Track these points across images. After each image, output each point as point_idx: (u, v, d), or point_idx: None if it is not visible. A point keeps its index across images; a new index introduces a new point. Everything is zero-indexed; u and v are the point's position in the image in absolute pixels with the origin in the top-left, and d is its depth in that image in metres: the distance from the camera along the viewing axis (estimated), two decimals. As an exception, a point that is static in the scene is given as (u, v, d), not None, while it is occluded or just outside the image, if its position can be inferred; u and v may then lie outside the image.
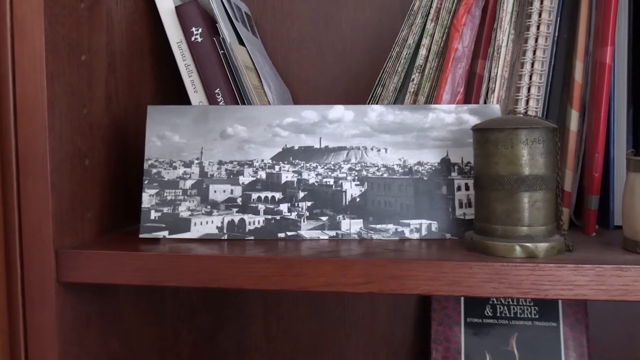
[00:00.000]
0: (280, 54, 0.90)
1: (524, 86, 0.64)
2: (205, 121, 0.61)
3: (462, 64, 0.65)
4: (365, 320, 0.91)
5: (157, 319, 0.74)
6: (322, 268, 0.51)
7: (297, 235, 0.59)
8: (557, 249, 0.51)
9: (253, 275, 0.51)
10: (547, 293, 0.48)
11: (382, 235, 0.59)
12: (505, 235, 0.51)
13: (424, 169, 0.59)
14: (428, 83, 0.67)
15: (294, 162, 0.60)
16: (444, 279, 0.49)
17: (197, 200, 0.59)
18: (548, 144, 0.51)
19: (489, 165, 0.51)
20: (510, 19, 0.65)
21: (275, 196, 0.59)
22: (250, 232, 0.58)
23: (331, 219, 0.59)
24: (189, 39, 0.68)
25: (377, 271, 0.50)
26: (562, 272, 0.48)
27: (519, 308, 0.83)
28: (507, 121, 0.51)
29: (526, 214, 0.50)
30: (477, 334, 0.82)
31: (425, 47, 0.67)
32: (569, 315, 0.81)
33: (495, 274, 0.49)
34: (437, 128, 0.60)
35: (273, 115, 0.60)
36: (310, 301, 0.92)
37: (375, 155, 0.60)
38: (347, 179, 0.59)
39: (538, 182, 0.50)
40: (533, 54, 0.64)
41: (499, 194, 0.51)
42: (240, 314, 0.93)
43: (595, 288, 0.48)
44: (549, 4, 0.64)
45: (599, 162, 0.60)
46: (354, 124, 0.60)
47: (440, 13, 0.67)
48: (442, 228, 0.59)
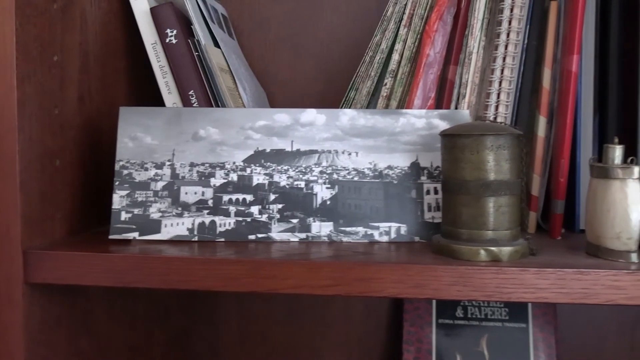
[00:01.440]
0: (257, 55, 0.90)
1: (494, 92, 0.65)
2: (178, 123, 0.61)
3: (433, 69, 0.66)
4: (339, 320, 0.92)
5: (129, 320, 0.74)
6: (290, 270, 0.51)
7: (268, 238, 0.59)
8: (521, 253, 0.52)
9: (222, 277, 0.52)
10: (510, 296, 0.49)
11: (352, 238, 0.59)
12: (471, 239, 0.52)
13: (394, 173, 0.60)
14: (400, 88, 0.68)
15: (266, 164, 0.60)
16: (410, 281, 0.50)
17: (168, 201, 0.59)
18: (513, 150, 0.52)
19: (456, 170, 0.52)
20: (481, 26, 0.67)
21: (246, 198, 0.59)
22: (221, 234, 0.59)
23: (302, 221, 0.59)
24: (164, 40, 0.68)
25: (345, 274, 0.51)
26: (525, 276, 0.49)
27: (489, 309, 0.84)
28: (474, 127, 0.52)
29: (491, 219, 0.52)
30: (449, 335, 0.83)
31: (398, 53, 0.68)
32: (538, 317, 0.83)
33: (460, 277, 0.50)
34: (408, 132, 0.61)
35: (246, 117, 0.61)
36: (285, 302, 0.92)
37: (346, 158, 0.60)
38: (318, 182, 0.60)
39: (503, 187, 0.51)
40: (503, 61, 0.65)
41: (465, 199, 0.52)
42: (214, 314, 0.93)
43: (556, 291, 0.49)
44: (518, 12, 0.65)
45: (565, 167, 0.61)
46: (326, 128, 0.61)
47: (413, 19, 0.68)
48: (411, 231, 0.60)
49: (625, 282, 0.48)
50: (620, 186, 0.50)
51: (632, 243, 0.50)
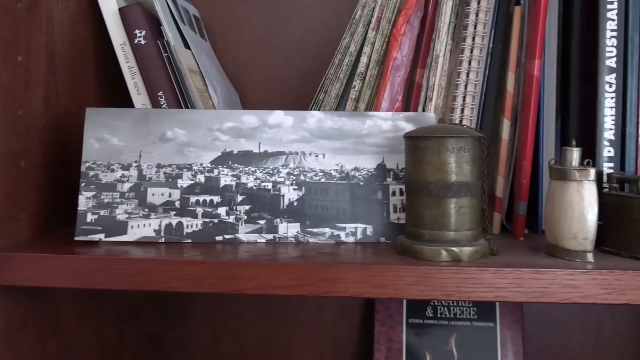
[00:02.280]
0: (230, 56, 0.91)
1: (460, 95, 0.66)
2: (145, 124, 0.61)
3: (400, 72, 0.67)
4: (312, 320, 0.92)
5: (98, 321, 0.74)
6: (255, 271, 0.52)
7: (235, 239, 0.59)
8: (481, 253, 0.53)
9: (187, 278, 0.52)
10: (470, 295, 0.50)
11: (318, 238, 0.60)
12: (433, 239, 0.53)
13: (361, 174, 0.61)
14: (368, 90, 0.68)
15: (233, 166, 0.60)
16: (372, 281, 0.51)
17: (134, 203, 0.59)
18: (474, 153, 0.53)
19: (418, 172, 0.53)
20: (448, 30, 0.68)
21: (213, 200, 0.60)
22: (188, 235, 0.59)
23: (269, 222, 0.60)
24: (132, 41, 0.68)
25: (309, 274, 0.51)
26: (484, 275, 0.50)
27: (458, 309, 0.85)
28: (436, 130, 0.53)
29: (452, 220, 0.53)
30: (418, 334, 0.84)
31: (367, 55, 0.69)
32: (506, 316, 0.84)
33: (422, 276, 0.51)
34: (374, 135, 0.62)
35: (213, 119, 0.61)
36: (258, 301, 0.92)
37: (314, 160, 0.61)
38: (285, 184, 0.60)
39: (464, 188, 0.52)
40: (468, 64, 0.66)
41: (427, 200, 0.53)
42: (187, 314, 0.93)
43: (514, 290, 0.50)
44: (484, 16, 0.66)
45: (527, 169, 0.62)
46: (294, 130, 0.61)
47: (381, 22, 0.69)
48: (377, 232, 0.60)
49: (581, 281, 0.50)
50: (577, 188, 0.52)
51: (588, 243, 0.52)
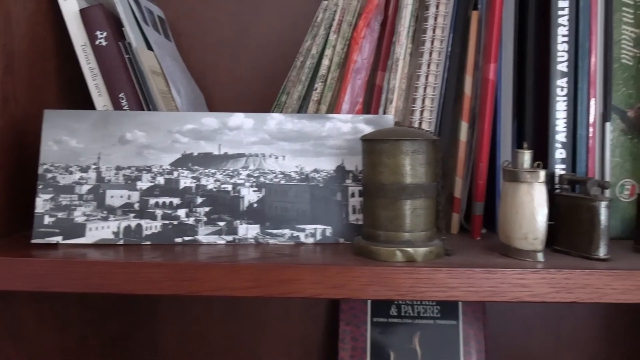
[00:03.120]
0: (196, 58, 0.90)
1: (419, 98, 0.68)
2: (104, 126, 0.61)
3: (361, 75, 0.68)
4: (278, 320, 0.93)
5: (60, 324, 0.73)
6: (212, 273, 0.52)
7: (195, 240, 0.60)
8: (436, 254, 0.54)
9: (144, 280, 0.52)
10: (423, 295, 0.51)
11: (278, 240, 0.61)
12: (388, 240, 0.54)
13: (320, 176, 0.62)
14: (330, 92, 0.69)
15: (193, 168, 0.61)
16: (328, 282, 0.52)
17: (93, 205, 0.59)
18: (428, 155, 0.54)
19: (374, 174, 0.54)
20: (408, 34, 0.69)
21: (173, 201, 0.60)
22: (147, 237, 0.59)
23: (229, 224, 0.60)
24: (93, 42, 0.68)
25: (265, 276, 0.52)
26: (437, 275, 0.51)
27: (422, 307, 0.87)
28: (391, 133, 0.54)
29: (407, 221, 0.54)
30: (383, 333, 0.86)
31: (328, 58, 0.70)
32: (468, 314, 0.86)
33: (377, 277, 0.51)
34: (334, 137, 0.62)
35: (173, 121, 0.61)
36: (225, 302, 0.93)
37: (274, 162, 0.62)
38: (245, 185, 0.61)
39: (418, 190, 0.53)
40: (427, 68, 0.68)
41: (383, 202, 0.54)
42: (153, 316, 0.93)
43: (466, 290, 0.51)
44: (442, 20, 0.67)
45: (484, 170, 0.64)
46: (254, 132, 0.62)
47: (342, 26, 0.70)
48: (336, 233, 0.61)
49: (530, 280, 0.51)
50: (527, 189, 0.53)
51: (538, 243, 0.53)
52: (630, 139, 0.64)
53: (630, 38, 0.64)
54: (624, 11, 0.63)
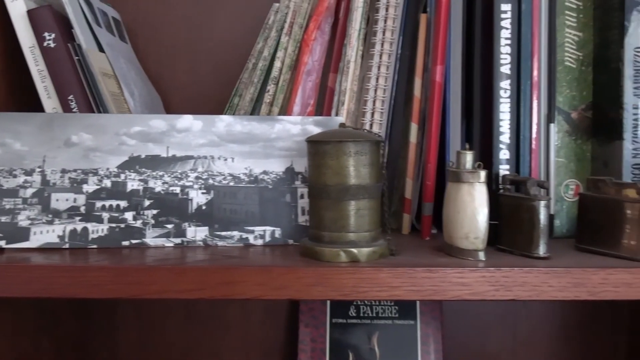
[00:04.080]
0: (153, 60, 0.90)
1: (370, 99, 0.68)
2: (50, 129, 0.60)
3: (312, 77, 0.69)
4: (238, 323, 0.93)
5: (11, 329, 0.72)
6: (156, 275, 0.52)
7: (142, 243, 0.59)
8: (380, 254, 0.55)
9: (86, 284, 0.52)
10: (366, 294, 0.52)
11: (227, 242, 0.61)
12: (332, 241, 0.54)
13: (270, 178, 0.62)
14: (282, 94, 0.70)
15: (141, 170, 0.60)
16: (272, 283, 0.52)
17: (37, 209, 0.58)
18: (372, 156, 0.55)
19: (318, 175, 0.55)
20: (359, 36, 0.69)
21: (120, 204, 0.59)
22: (94, 241, 0.58)
23: (177, 226, 0.60)
24: (42, 44, 0.67)
25: (209, 278, 0.52)
26: (379, 275, 0.52)
27: (380, 308, 0.87)
28: (334, 134, 0.55)
29: (351, 221, 0.54)
30: (342, 334, 0.86)
31: (280, 60, 0.70)
32: (426, 314, 0.87)
33: (320, 277, 0.52)
34: (283, 138, 0.63)
35: (120, 123, 0.61)
36: (184, 305, 0.92)
37: (222, 164, 0.62)
38: (193, 188, 0.61)
39: (361, 191, 0.54)
40: (378, 70, 0.68)
41: (327, 203, 0.54)
42: (111, 320, 0.92)
43: (408, 289, 0.52)
44: (391, 23, 0.68)
45: (432, 171, 0.65)
46: (203, 134, 0.62)
47: (293, 28, 0.70)
48: (285, 234, 0.61)
49: (470, 279, 0.52)
50: (469, 189, 0.54)
51: (479, 242, 0.54)
52: (575, 140, 0.66)
53: (573, 41, 0.65)
54: (567, 15, 0.65)
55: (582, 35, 0.65)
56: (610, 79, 0.62)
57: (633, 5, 0.59)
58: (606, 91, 0.63)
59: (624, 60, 0.59)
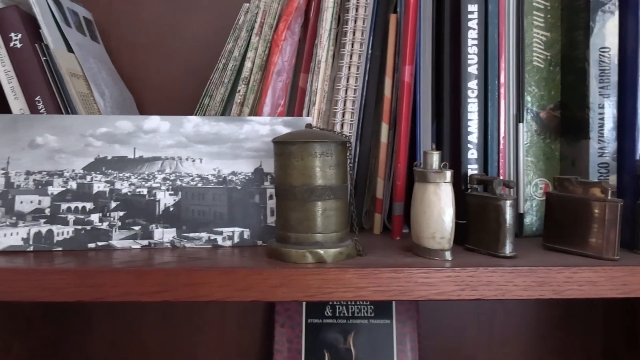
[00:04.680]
0: (126, 60, 0.89)
1: (341, 100, 0.68)
2: (14, 130, 0.59)
3: (282, 77, 0.68)
4: (215, 324, 0.92)
5: (-22, 334, 0.71)
6: (118, 278, 0.51)
7: (109, 246, 0.59)
8: (346, 254, 0.55)
9: (47, 287, 0.51)
10: (332, 295, 0.52)
11: (195, 243, 0.60)
12: (298, 242, 0.54)
13: (238, 179, 0.62)
14: (252, 95, 0.69)
15: (107, 172, 0.60)
16: (236, 285, 0.51)
17: (1, 211, 0.57)
18: (338, 157, 0.55)
19: (284, 176, 0.54)
20: (329, 36, 0.69)
21: (86, 206, 0.59)
22: (59, 243, 0.58)
23: (144, 228, 0.59)
24: (8, 44, 0.66)
25: (173, 280, 0.51)
26: (345, 276, 0.52)
27: (356, 307, 0.87)
28: (300, 135, 0.54)
29: (317, 222, 0.54)
30: (317, 334, 0.86)
31: (251, 60, 0.70)
32: (402, 313, 0.87)
33: (285, 279, 0.52)
34: (252, 139, 0.62)
35: (86, 125, 0.60)
36: (159, 306, 0.91)
37: (190, 165, 0.61)
38: (161, 189, 0.60)
39: (327, 192, 0.54)
40: (348, 70, 0.68)
41: (293, 204, 0.54)
42: (85, 323, 0.91)
43: (374, 289, 0.52)
44: (361, 23, 0.68)
45: (402, 171, 0.65)
46: (170, 135, 0.61)
47: (263, 28, 0.70)
48: (254, 235, 0.61)
49: (436, 278, 0.52)
50: (434, 189, 0.54)
51: (445, 242, 0.54)
52: (543, 139, 0.66)
53: (541, 41, 0.65)
54: (535, 15, 0.65)
55: (550, 36, 0.65)
56: (577, 79, 0.62)
57: (598, 6, 0.59)
58: (573, 91, 0.63)
59: (590, 60, 0.60)
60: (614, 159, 0.60)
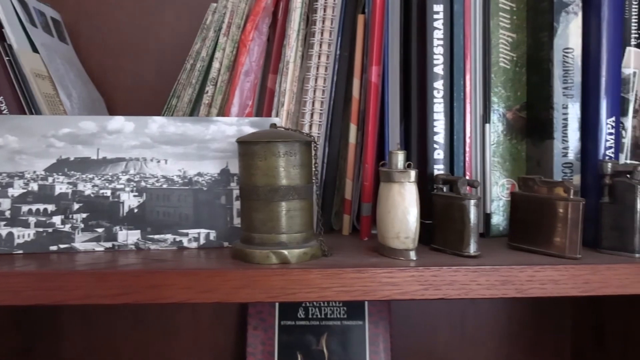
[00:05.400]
0: (96, 61, 0.88)
1: (309, 100, 0.68)
2: (-27, 131, 0.58)
3: (250, 77, 0.68)
4: (188, 327, 0.92)
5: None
6: (79, 280, 0.50)
7: (71, 248, 0.58)
8: (311, 255, 0.54)
9: (6, 291, 0.50)
10: (295, 296, 0.51)
11: (160, 245, 0.60)
12: (262, 243, 0.54)
13: (204, 180, 0.61)
14: (220, 96, 0.69)
15: (69, 173, 0.59)
16: (199, 287, 0.51)
17: (-41, 213, 0.56)
18: (302, 157, 0.54)
19: (248, 176, 0.54)
20: (298, 37, 0.69)
21: (47, 208, 0.58)
22: (20, 246, 0.57)
23: (107, 230, 0.59)
24: (-30, 44, 0.65)
25: (135, 282, 0.51)
26: (309, 276, 0.51)
27: (329, 309, 0.87)
28: (263, 135, 0.54)
29: (281, 223, 0.54)
30: (290, 336, 0.86)
31: (218, 61, 0.69)
32: (374, 314, 0.87)
33: (249, 280, 0.51)
34: (218, 140, 0.62)
35: (48, 125, 0.59)
36: (131, 310, 0.90)
37: (155, 166, 0.61)
38: (125, 190, 0.59)
39: (291, 192, 0.54)
40: (317, 71, 0.68)
41: (256, 204, 0.54)
42: (56, 328, 0.89)
43: (338, 289, 0.52)
44: (329, 24, 0.68)
45: (370, 172, 0.65)
46: (135, 135, 0.60)
47: (231, 28, 0.69)
48: (221, 237, 0.61)
49: (399, 278, 0.52)
50: (399, 189, 0.54)
51: (410, 242, 0.54)
52: (510, 139, 0.66)
53: (507, 42, 0.66)
54: (502, 16, 0.66)
55: (516, 37, 0.66)
56: (541, 80, 0.62)
57: (562, 7, 0.60)
58: (538, 92, 0.63)
59: (554, 61, 0.60)
60: (578, 159, 0.61)
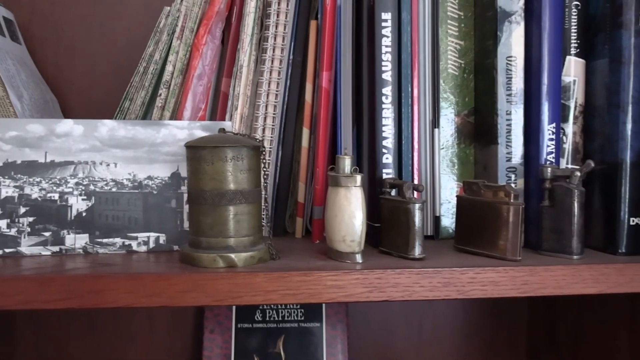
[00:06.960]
0: (51, 62, 0.87)
1: (262, 104, 0.69)
2: None
3: (203, 81, 0.68)
4: (143, 331, 0.91)
5: None
6: (20, 285, 0.50)
7: (17, 252, 0.57)
8: (258, 258, 0.55)
9: (-56, 297, 0.49)
10: (241, 300, 0.52)
11: (108, 249, 0.59)
12: (209, 247, 0.54)
13: (154, 183, 0.61)
14: (173, 99, 0.69)
15: (16, 176, 0.58)
16: (143, 291, 0.51)
17: None
18: (250, 161, 0.55)
19: (195, 180, 0.54)
20: (251, 41, 0.70)
21: (-8, 212, 0.57)
22: (-38, 250, 0.56)
23: (55, 234, 0.58)
24: None
25: (77, 286, 0.50)
26: (255, 280, 0.52)
27: (286, 311, 0.88)
28: (211, 139, 0.55)
29: (228, 227, 0.54)
30: (247, 339, 0.86)
31: (172, 64, 0.69)
32: (331, 316, 0.88)
33: (194, 284, 0.51)
34: (169, 143, 0.62)
35: (-6, 128, 0.58)
36: (84, 315, 0.89)
37: (105, 169, 0.60)
38: (73, 194, 0.59)
39: (238, 196, 0.54)
40: (269, 75, 0.69)
41: (204, 208, 0.54)
42: (7, 332, 0.88)
43: (283, 293, 0.52)
44: (282, 29, 0.69)
45: (321, 175, 0.66)
46: (84, 139, 0.60)
47: (184, 32, 0.69)
48: (171, 240, 0.61)
49: (344, 281, 0.53)
50: (345, 193, 0.55)
51: (356, 245, 0.55)
52: (458, 144, 0.68)
53: (455, 49, 0.68)
54: (450, 24, 0.67)
55: (464, 44, 0.68)
56: (487, 86, 0.64)
57: (505, 16, 0.62)
58: (485, 98, 0.65)
59: (497, 68, 0.62)
60: (521, 163, 0.63)
